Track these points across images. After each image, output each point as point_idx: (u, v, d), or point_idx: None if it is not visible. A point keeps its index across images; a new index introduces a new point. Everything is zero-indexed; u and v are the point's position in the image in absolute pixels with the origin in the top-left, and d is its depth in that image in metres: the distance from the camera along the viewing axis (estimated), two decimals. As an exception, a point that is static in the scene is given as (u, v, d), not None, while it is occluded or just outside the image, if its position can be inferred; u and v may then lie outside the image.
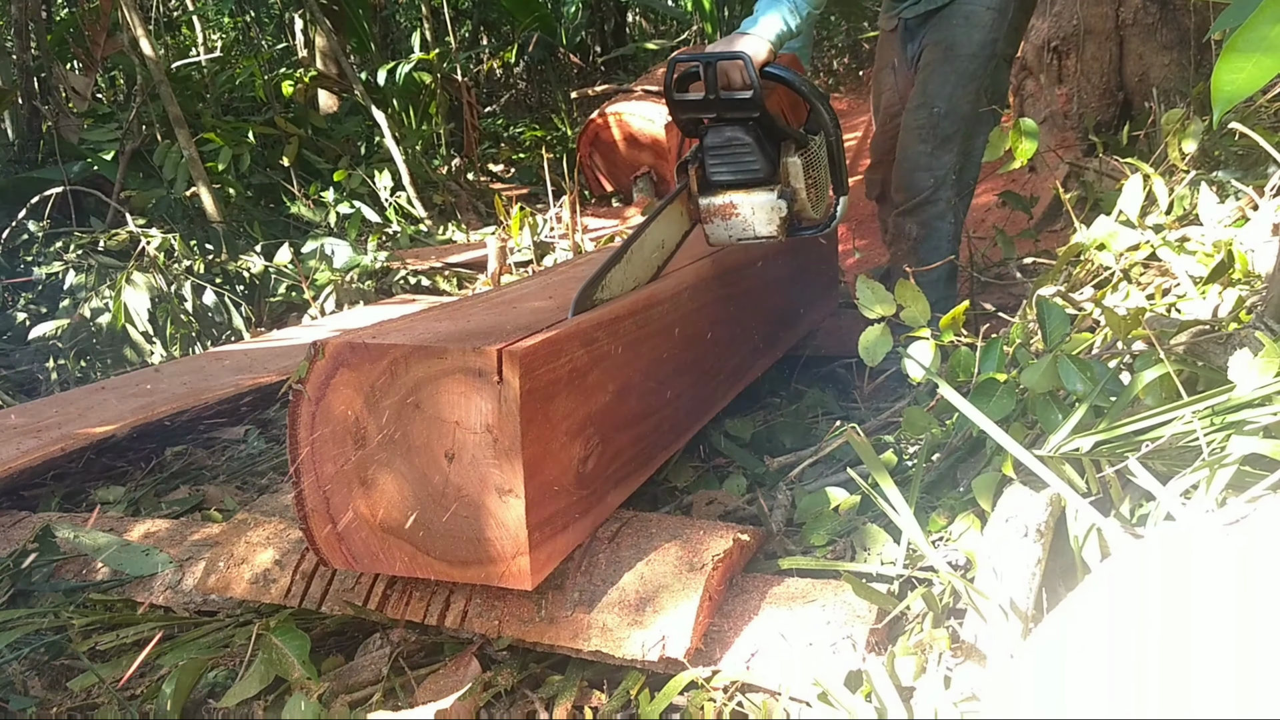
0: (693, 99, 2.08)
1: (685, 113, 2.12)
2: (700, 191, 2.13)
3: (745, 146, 2.07)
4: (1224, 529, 1.00)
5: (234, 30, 10.98)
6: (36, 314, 4.67)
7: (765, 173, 2.09)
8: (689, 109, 2.11)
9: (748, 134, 2.06)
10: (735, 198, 2.10)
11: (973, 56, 2.66)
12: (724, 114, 2.07)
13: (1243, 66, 1.11)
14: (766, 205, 2.08)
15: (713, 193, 2.12)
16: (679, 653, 1.46)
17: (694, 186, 2.13)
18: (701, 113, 2.10)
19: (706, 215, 2.13)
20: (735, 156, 2.08)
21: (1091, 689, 0.91)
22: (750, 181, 2.10)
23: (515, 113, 10.32)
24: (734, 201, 2.10)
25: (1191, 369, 1.66)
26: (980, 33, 2.64)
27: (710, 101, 2.05)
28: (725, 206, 2.11)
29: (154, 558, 1.99)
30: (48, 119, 6.10)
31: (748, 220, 2.11)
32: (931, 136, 2.69)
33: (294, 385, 1.52)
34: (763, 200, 2.08)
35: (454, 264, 4.87)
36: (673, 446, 2.07)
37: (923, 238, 2.80)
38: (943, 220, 2.77)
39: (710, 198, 2.11)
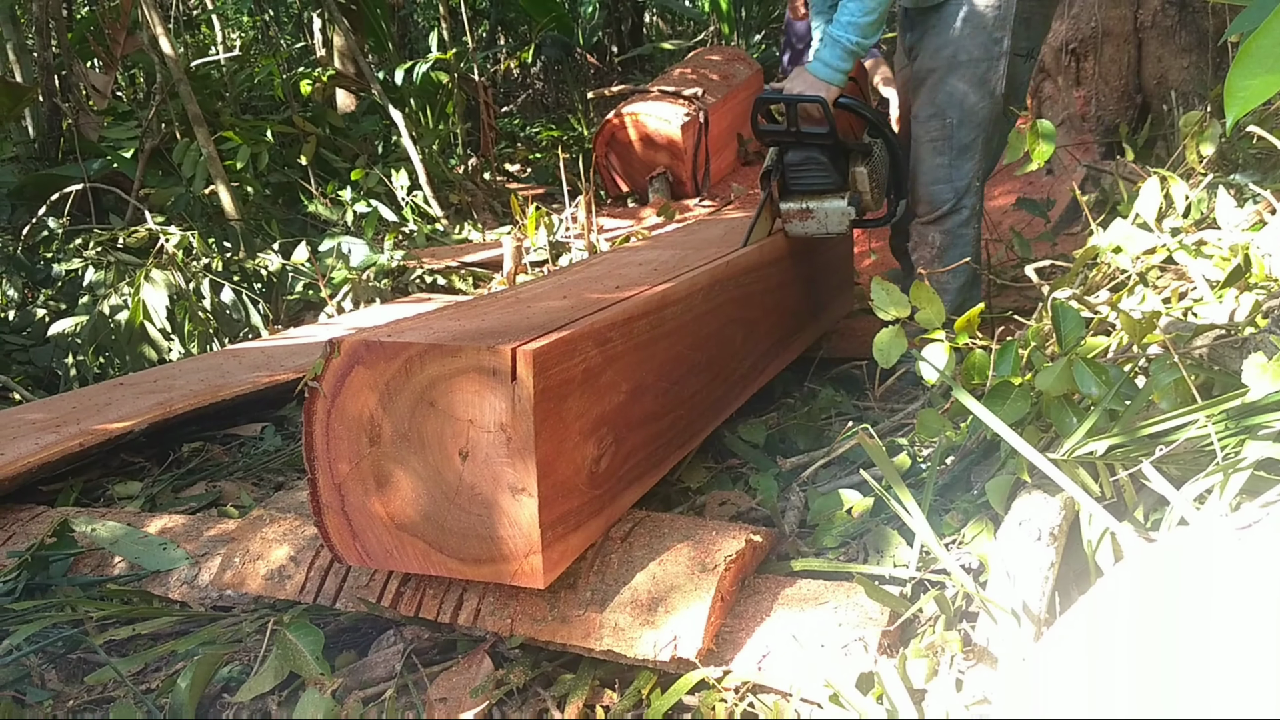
0: (776, 129, 2.51)
1: (769, 138, 2.56)
2: (782, 198, 2.58)
3: (820, 165, 2.50)
4: (1238, 534, 0.99)
5: (253, 29, 11.03)
6: (56, 310, 4.70)
7: (837, 184, 2.52)
8: (773, 136, 2.54)
9: (823, 153, 2.49)
10: (812, 204, 2.55)
11: (978, 61, 2.55)
12: (802, 141, 2.49)
13: (1258, 70, 1.11)
14: (838, 210, 2.53)
15: (792, 199, 2.57)
16: (691, 653, 1.46)
17: (775, 194, 2.57)
18: (784, 140, 2.52)
19: (787, 217, 2.59)
20: (812, 173, 2.51)
21: (1104, 693, 0.91)
22: (824, 190, 2.54)
23: (532, 113, 10.34)
24: (809, 207, 2.55)
25: (1207, 373, 1.65)
26: (983, 33, 2.52)
27: (793, 133, 2.48)
28: (803, 211, 2.56)
29: (171, 553, 2.01)
30: (68, 117, 6.14)
31: (822, 221, 2.56)
32: (948, 148, 2.63)
33: (310, 383, 1.53)
34: (834, 206, 2.53)
35: (470, 263, 4.88)
36: (686, 447, 2.07)
37: (948, 245, 2.73)
38: (967, 227, 2.72)
39: (790, 204, 2.58)
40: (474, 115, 7.68)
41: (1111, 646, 0.95)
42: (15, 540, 2.18)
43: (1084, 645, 0.99)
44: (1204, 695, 0.84)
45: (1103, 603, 1.04)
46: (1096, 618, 1.02)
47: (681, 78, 6.75)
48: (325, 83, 7.54)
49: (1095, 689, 0.93)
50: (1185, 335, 1.80)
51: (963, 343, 1.94)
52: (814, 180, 2.52)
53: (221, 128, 6.15)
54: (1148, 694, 0.87)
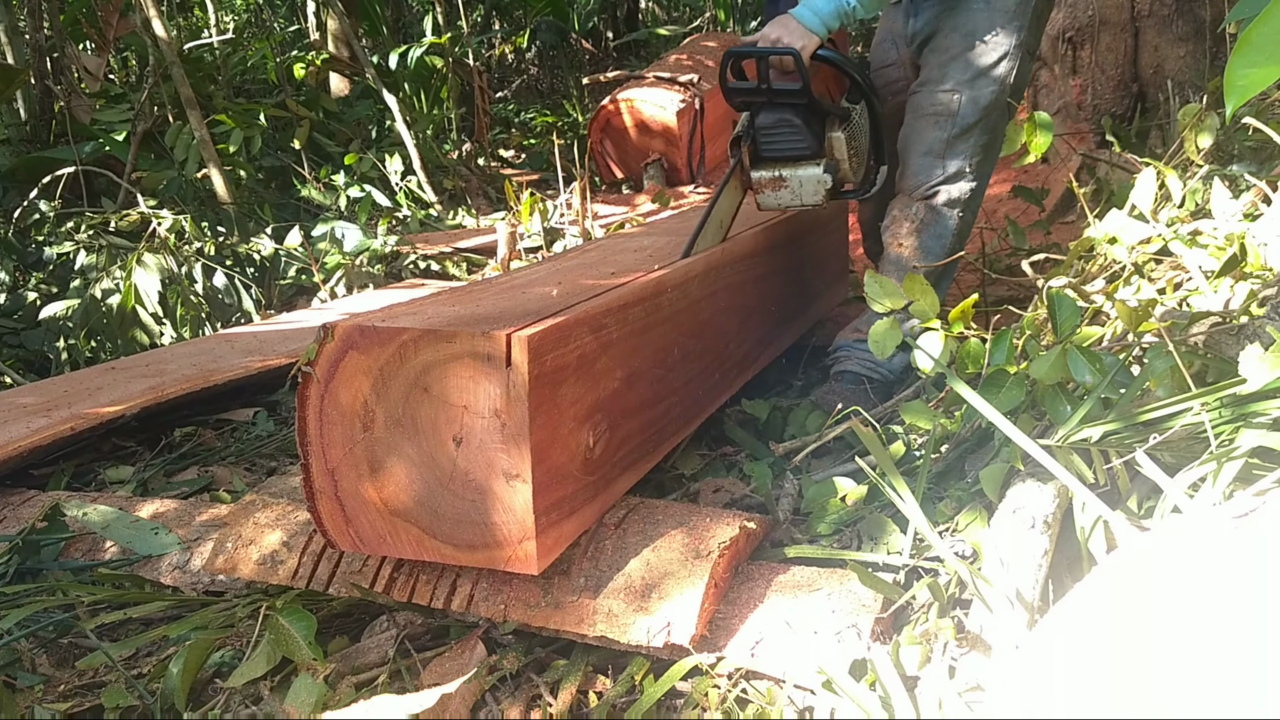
0: (746, 87, 2.29)
1: (738, 98, 2.33)
2: (752, 165, 2.36)
3: (794, 127, 2.29)
4: (1232, 522, 0.99)
5: (246, 12, 10.98)
6: (47, 294, 4.68)
7: (812, 149, 2.31)
8: (742, 94, 2.31)
9: (796, 115, 2.28)
10: (784, 171, 2.34)
11: (998, 46, 2.48)
12: (775, 100, 2.28)
13: (1258, 59, 1.10)
14: (813, 179, 2.33)
15: (764, 167, 2.35)
16: (684, 639, 1.46)
17: (746, 160, 2.35)
18: (753, 98, 2.30)
19: (758, 186, 2.37)
20: (785, 136, 2.30)
21: (1097, 681, 0.91)
22: (799, 157, 2.32)
23: (527, 98, 10.31)
24: (783, 175, 2.34)
25: (1202, 361, 1.65)
26: (1003, 17, 2.47)
27: (763, 90, 2.26)
28: (775, 180, 2.35)
29: (162, 538, 2.00)
30: (60, 99, 6.10)
31: (795, 191, 2.35)
32: (950, 124, 2.52)
33: (303, 368, 1.52)
34: (809, 174, 2.33)
35: (464, 249, 4.87)
36: (680, 434, 2.07)
37: (930, 222, 2.59)
38: (953, 209, 2.59)
39: (761, 171, 2.35)
40: (468, 100, 7.66)
41: (1104, 635, 0.95)
42: (6, 524, 2.17)
43: (1077, 633, 0.99)
44: (1196, 685, 0.84)
45: (1096, 591, 1.04)
46: (1090, 606, 1.02)
47: (677, 64, 6.73)
48: (319, 66, 7.51)
49: (1088, 677, 0.93)
50: (1181, 323, 1.80)
51: (957, 332, 1.94)
52: (787, 145, 2.31)
53: (214, 111, 6.12)
54: (1140, 683, 0.87)
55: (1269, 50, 1.09)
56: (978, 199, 2.62)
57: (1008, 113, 2.61)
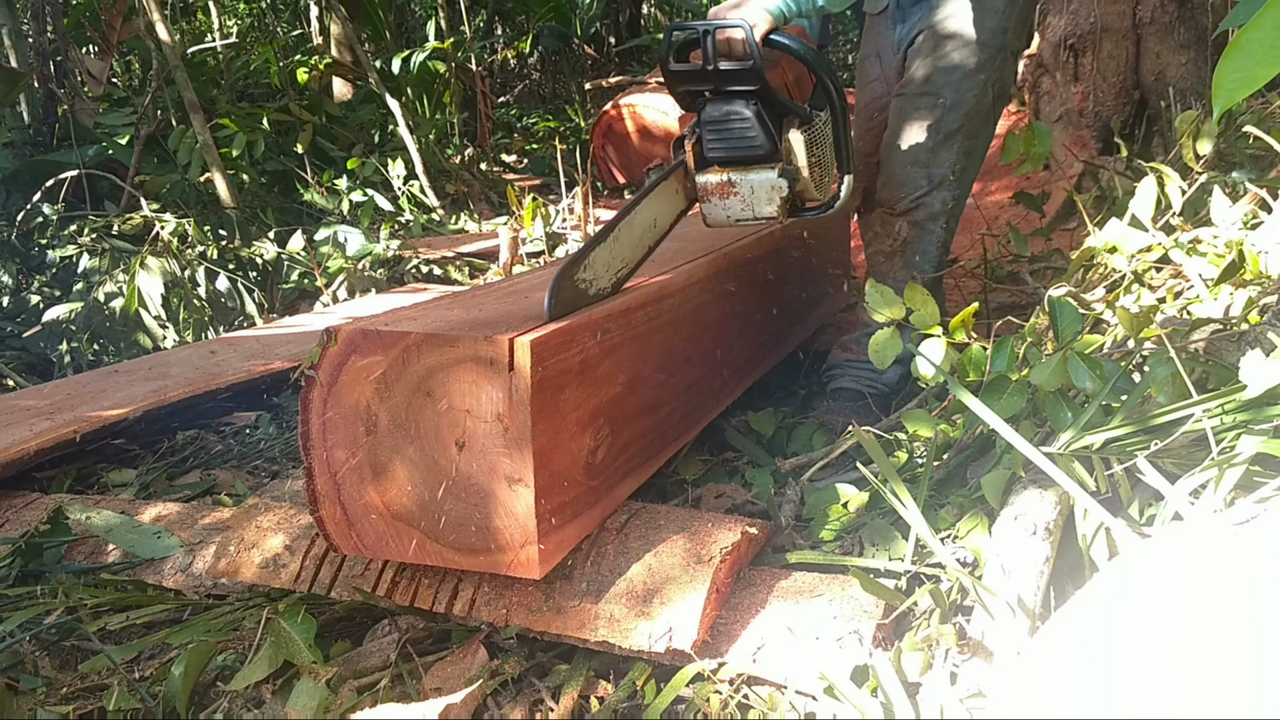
0: (690, 69, 1.96)
1: (682, 84, 2.00)
2: (697, 168, 2.01)
3: (745, 121, 1.95)
4: (1233, 529, 1.00)
5: (249, 16, 10.99)
6: (50, 297, 4.69)
7: (766, 149, 1.97)
8: (686, 80, 1.98)
9: (748, 108, 1.94)
10: (734, 176, 1.98)
11: (983, 45, 2.40)
12: (723, 86, 1.95)
13: (1247, 63, 1.10)
14: (766, 184, 1.97)
15: (710, 170, 2.00)
16: (686, 644, 1.46)
17: (691, 163, 2.01)
18: (699, 84, 1.97)
19: (704, 194, 2.01)
20: (734, 132, 1.96)
21: (1099, 688, 0.92)
22: (750, 158, 1.98)
23: (529, 103, 10.33)
24: (732, 180, 1.98)
25: (1203, 368, 1.65)
26: (991, 20, 2.39)
27: (708, 72, 1.92)
28: (723, 185, 1.99)
29: (165, 541, 2.01)
30: (63, 102, 6.11)
31: (747, 200, 1.99)
32: (934, 129, 2.43)
33: (306, 371, 1.53)
34: (762, 179, 1.97)
35: (466, 254, 4.87)
36: (682, 439, 2.08)
37: (913, 240, 2.51)
38: (936, 223, 2.50)
39: (707, 175, 1.99)
40: (471, 105, 7.67)
41: (1106, 642, 0.96)
42: (9, 527, 2.17)
43: (1079, 640, 0.99)
44: (1198, 691, 0.84)
45: (1098, 598, 1.04)
46: (1091, 613, 1.02)
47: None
48: (322, 71, 7.52)
49: (1090, 684, 0.93)
50: (1182, 330, 1.80)
51: (959, 339, 1.94)
52: (737, 141, 1.96)
53: (217, 115, 6.13)
54: (1142, 690, 0.88)
55: (1257, 55, 1.09)
56: (960, 207, 2.54)
57: (992, 118, 2.53)
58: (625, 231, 1.83)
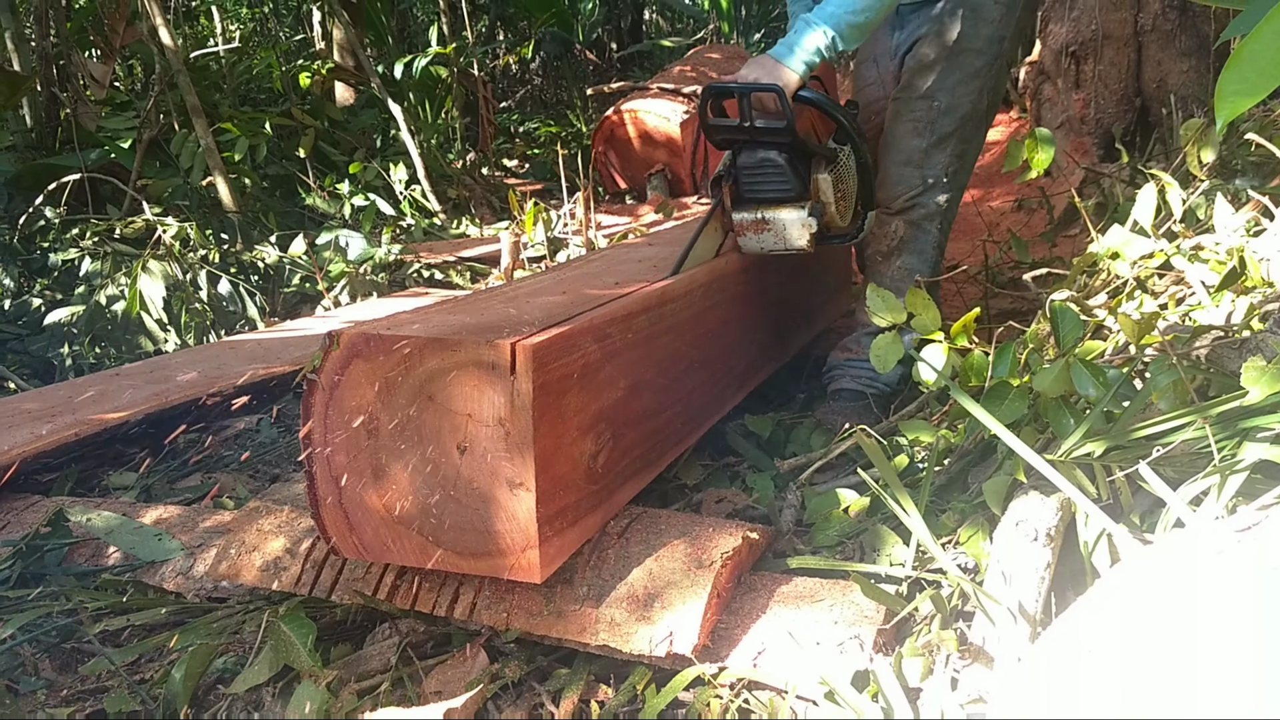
0: (727, 124, 2.19)
1: (719, 135, 2.23)
2: (734, 207, 2.25)
3: (777, 168, 2.18)
4: (1235, 536, 1.00)
5: (252, 21, 11.01)
6: (52, 300, 4.69)
7: (796, 191, 2.20)
8: (723, 132, 2.22)
9: (780, 155, 2.17)
10: (768, 214, 2.22)
11: (979, 53, 2.45)
12: (758, 139, 2.17)
13: (1249, 74, 1.11)
14: (798, 222, 2.20)
15: (746, 209, 2.24)
16: (686, 649, 1.46)
17: (728, 202, 2.25)
18: (736, 136, 2.20)
19: (740, 229, 2.25)
20: (768, 177, 2.20)
21: (1099, 693, 0.92)
22: (782, 199, 2.21)
23: (531, 108, 10.34)
24: (766, 218, 2.22)
25: (1204, 375, 1.65)
26: (988, 28, 2.44)
27: (745, 128, 2.15)
28: (757, 222, 2.23)
29: (166, 543, 2.01)
30: (66, 106, 6.12)
31: (779, 234, 2.23)
32: (929, 131, 2.48)
33: (308, 375, 1.53)
34: (794, 217, 2.20)
35: (467, 258, 4.88)
36: (684, 444, 2.08)
37: (909, 239, 2.56)
38: (931, 223, 2.55)
39: (743, 214, 2.24)
40: (473, 110, 7.68)
41: (1107, 648, 0.96)
42: (10, 529, 2.17)
43: (1080, 646, 0.99)
44: (1197, 698, 0.84)
45: (1099, 604, 1.04)
46: (1093, 619, 1.02)
47: (681, 75, 6.74)
48: (324, 75, 7.53)
49: (1090, 690, 0.93)
50: (1184, 337, 1.80)
51: (961, 345, 1.94)
52: (770, 186, 2.21)
53: (220, 119, 6.13)
54: (1142, 696, 0.87)
55: (1260, 66, 1.09)
56: (953, 210, 2.60)
57: (985, 124, 2.59)
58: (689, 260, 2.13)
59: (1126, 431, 1.54)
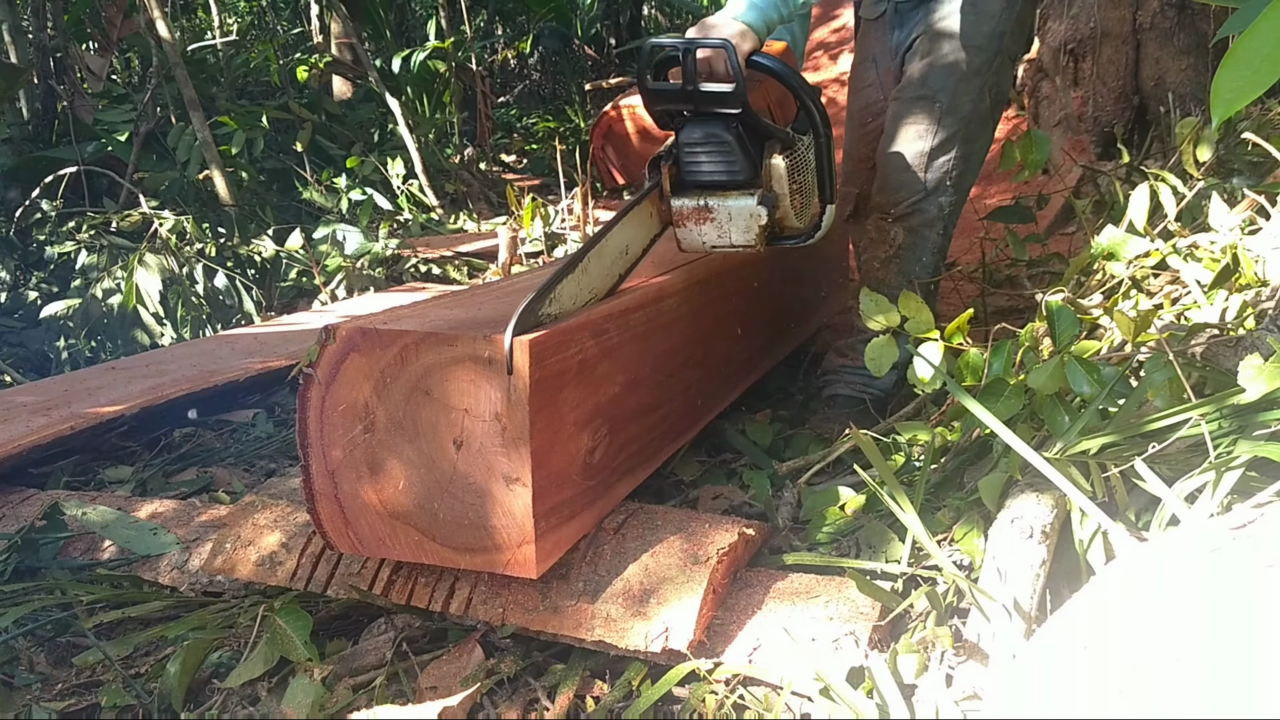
0: (669, 88, 1.89)
1: (660, 103, 1.93)
2: (673, 192, 1.95)
3: (724, 145, 1.89)
4: (1230, 533, 1.00)
5: (250, 14, 10.99)
6: (48, 293, 4.68)
7: (745, 175, 1.91)
8: (664, 99, 1.91)
9: (728, 131, 1.88)
10: (711, 201, 1.93)
11: (979, 49, 2.39)
12: (703, 107, 1.88)
13: (1244, 72, 1.11)
14: (745, 211, 1.92)
15: (687, 194, 1.94)
16: (682, 644, 1.46)
17: (666, 186, 1.95)
18: (678, 104, 1.91)
19: (679, 218, 1.96)
20: (713, 155, 1.90)
21: (1094, 690, 0.92)
22: (728, 184, 1.92)
23: (529, 103, 10.33)
24: (709, 205, 1.93)
25: (1200, 373, 1.66)
26: (988, 24, 2.38)
27: (688, 92, 1.85)
28: (699, 210, 1.94)
29: (161, 538, 2.01)
30: (63, 99, 6.11)
31: (723, 226, 1.94)
32: (930, 133, 2.40)
33: (304, 369, 1.53)
34: (741, 205, 1.91)
35: (465, 253, 4.87)
36: (680, 440, 2.08)
37: (909, 246, 2.48)
38: (932, 229, 2.47)
39: (683, 199, 1.94)
40: (471, 105, 7.67)
41: (1102, 645, 0.96)
42: (5, 522, 2.17)
43: (1075, 643, 0.99)
44: (1193, 695, 0.84)
45: (1094, 601, 1.05)
46: (1088, 616, 1.02)
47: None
48: (322, 69, 7.52)
49: (1085, 687, 0.93)
50: (1179, 334, 1.80)
51: (956, 343, 1.94)
52: (715, 166, 1.90)
53: (217, 112, 6.12)
54: (1137, 693, 0.88)
55: (1255, 64, 1.09)
56: (957, 213, 2.52)
57: (990, 123, 2.52)
58: (594, 261, 1.76)
59: (1122, 428, 1.54)
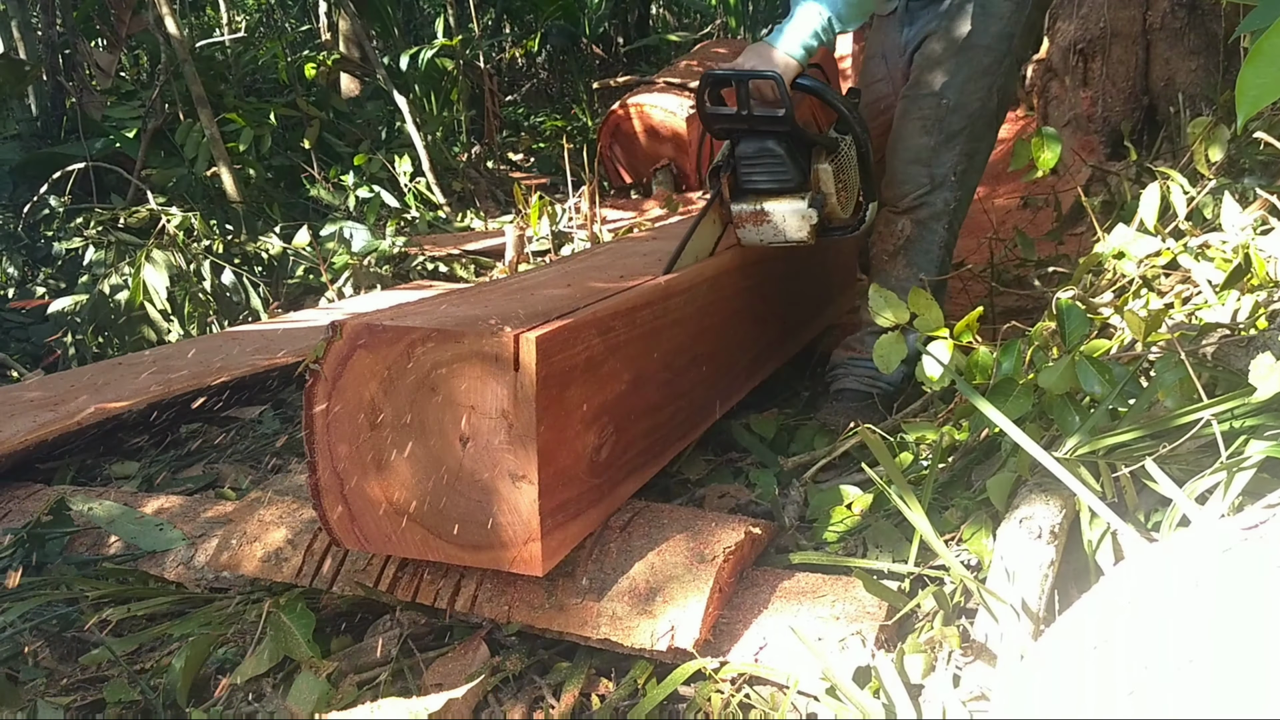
0: (726, 113, 2.14)
1: (718, 124, 2.18)
2: (733, 198, 2.21)
3: (776, 158, 2.13)
4: (1241, 534, 0.99)
5: (258, 11, 11.00)
6: (56, 289, 4.69)
7: (796, 181, 2.15)
8: (722, 121, 2.17)
9: (779, 145, 2.13)
10: (767, 205, 2.17)
11: (988, 49, 2.41)
12: (756, 128, 2.13)
13: (1268, 70, 1.09)
14: (798, 213, 2.16)
15: (745, 200, 2.19)
16: (688, 643, 1.46)
17: (726, 193, 2.21)
18: (734, 125, 2.16)
19: (739, 220, 2.21)
20: (767, 167, 2.15)
21: (1102, 691, 0.91)
22: (782, 190, 2.17)
23: (536, 102, 10.32)
24: (765, 209, 2.18)
25: (1211, 373, 1.65)
26: (998, 24, 2.41)
27: (743, 117, 2.11)
28: (756, 214, 2.19)
29: (168, 533, 2.01)
30: (71, 95, 6.12)
31: (779, 227, 2.18)
32: (937, 129, 2.43)
33: (311, 365, 1.52)
34: (794, 208, 2.16)
35: (471, 251, 4.87)
36: (687, 438, 2.07)
37: (916, 238, 2.52)
38: (938, 223, 2.50)
39: (742, 204, 2.19)
40: (478, 103, 7.66)
41: (1111, 646, 0.95)
42: (12, 518, 2.18)
43: (1083, 644, 0.98)
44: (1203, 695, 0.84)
45: (1103, 602, 1.04)
46: (1097, 616, 1.02)
47: (688, 70, 6.72)
48: (330, 66, 7.51)
49: (1094, 688, 0.92)
50: (1190, 334, 1.79)
51: (965, 342, 1.93)
52: (769, 176, 2.16)
53: (225, 109, 6.12)
54: (1146, 694, 0.87)
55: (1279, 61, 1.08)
56: (963, 210, 2.55)
57: (996, 123, 2.54)
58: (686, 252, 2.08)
59: (1132, 428, 1.53)
